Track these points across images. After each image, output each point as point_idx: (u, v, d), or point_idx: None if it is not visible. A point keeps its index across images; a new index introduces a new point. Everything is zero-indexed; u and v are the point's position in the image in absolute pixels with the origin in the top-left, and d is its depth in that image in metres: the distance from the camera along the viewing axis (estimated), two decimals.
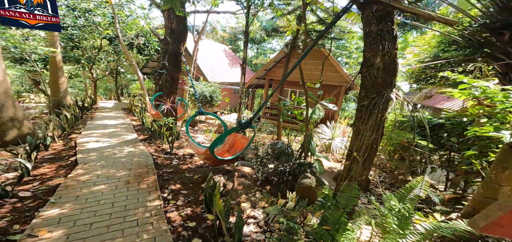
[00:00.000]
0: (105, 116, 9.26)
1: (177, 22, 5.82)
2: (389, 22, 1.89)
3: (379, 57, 1.92)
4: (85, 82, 17.77)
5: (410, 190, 1.85)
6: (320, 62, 13.03)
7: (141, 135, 6.73)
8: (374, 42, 1.92)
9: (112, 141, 5.70)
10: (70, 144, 5.44)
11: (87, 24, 10.73)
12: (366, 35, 2.03)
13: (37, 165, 4.13)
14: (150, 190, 3.37)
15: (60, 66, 8.91)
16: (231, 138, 4.73)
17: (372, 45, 1.98)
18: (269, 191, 3.62)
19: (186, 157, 5.18)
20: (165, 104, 6.05)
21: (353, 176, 2.14)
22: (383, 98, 1.91)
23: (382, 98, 1.91)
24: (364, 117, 2.08)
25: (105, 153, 4.86)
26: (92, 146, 5.24)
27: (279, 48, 29.31)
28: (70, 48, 10.67)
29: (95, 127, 7.04)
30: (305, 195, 3.04)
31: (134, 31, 11.77)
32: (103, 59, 13.11)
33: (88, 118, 8.60)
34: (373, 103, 1.97)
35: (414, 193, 1.80)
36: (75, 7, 10.36)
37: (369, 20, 1.94)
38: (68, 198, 3.06)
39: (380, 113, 1.91)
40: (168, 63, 6.05)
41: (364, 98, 2.12)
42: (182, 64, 6.52)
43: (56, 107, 8.85)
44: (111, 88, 20.12)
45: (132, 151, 5.10)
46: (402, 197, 1.83)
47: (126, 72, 16.67)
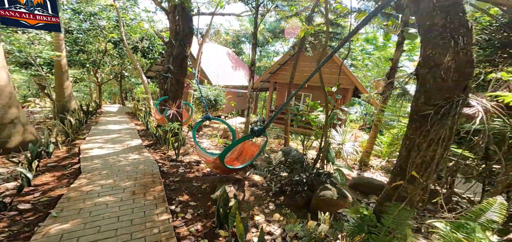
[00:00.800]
0: (110, 121, 9.13)
1: (182, 24, 5.66)
2: (460, 13, 1.60)
3: (450, 55, 1.60)
4: (90, 86, 17.81)
5: (480, 214, 1.57)
6: (326, 64, 12.83)
7: (146, 140, 6.56)
8: (441, 37, 1.63)
9: (116, 147, 5.53)
10: (74, 150, 5.28)
11: (92, 28, 10.70)
12: (426, 30, 1.72)
13: (38, 173, 3.96)
14: (157, 202, 3.16)
15: (65, 70, 8.84)
16: (240, 145, 4.51)
17: (439, 41, 1.65)
18: (283, 202, 3.38)
19: (192, 165, 4.97)
20: (171, 109, 5.87)
21: (410, 197, 1.83)
22: (458, 106, 1.60)
23: (457, 106, 1.60)
24: (424, 129, 1.75)
25: (109, 160, 4.68)
26: (96, 153, 5.06)
27: (282, 51, 29.17)
28: (75, 52, 10.63)
29: (100, 133, 6.89)
30: (325, 208, 2.80)
31: (139, 35, 11.71)
32: (107, 63, 13.08)
33: (93, 123, 8.48)
34: (443, 112, 1.64)
35: (485, 217, 1.53)
36: (80, 11, 10.33)
37: (430, 13, 1.65)
38: (71, 211, 2.86)
39: (453, 123, 1.61)
40: (173, 66, 5.89)
41: (425, 106, 1.77)
42: (188, 67, 6.36)
43: (61, 111, 8.76)
44: (115, 92, 20.12)
45: (137, 158, 4.91)
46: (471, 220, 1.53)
47: (130, 76, 16.65)
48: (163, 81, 8.78)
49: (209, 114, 4.49)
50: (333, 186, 2.82)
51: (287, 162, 3.85)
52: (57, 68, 8.64)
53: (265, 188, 3.85)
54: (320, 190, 2.77)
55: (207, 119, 4.41)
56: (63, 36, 8.59)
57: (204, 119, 4.42)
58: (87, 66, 11.36)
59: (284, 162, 3.87)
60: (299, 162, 3.50)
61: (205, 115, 4.45)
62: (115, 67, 14.08)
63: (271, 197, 3.52)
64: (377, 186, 4.09)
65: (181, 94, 6.17)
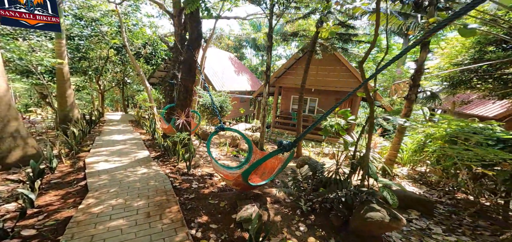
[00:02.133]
0: (113, 130, 8.81)
1: (191, 28, 5.38)
2: None
3: None
4: (92, 94, 17.52)
5: None
6: (333, 67, 12.58)
7: (153, 151, 6.24)
8: None
9: (123, 160, 5.21)
10: (79, 164, 4.95)
11: (94, 34, 10.46)
12: None
13: (42, 192, 3.64)
14: (175, 225, 2.83)
15: (68, 78, 8.55)
16: (256, 156, 4.21)
17: None
18: (315, 222, 3.05)
19: (205, 178, 4.65)
20: (179, 118, 5.57)
21: None
22: None
23: None
24: None
25: (117, 175, 4.36)
26: (102, 166, 4.74)
27: (285, 55, 29.02)
28: (77, 59, 10.36)
29: (104, 144, 6.57)
30: (374, 230, 2.48)
31: (141, 41, 11.47)
32: (110, 70, 12.82)
33: (96, 133, 8.16)
34: None
35: None
36: (82, 17, 10.10)
37: None
38: (82, 239, 2.53)
39: None
40: (181, 72, 5.61)
41: None
42: (197, 73, 6.08)
43: (63, 121, 8.45)
44: (117, 99, 19.84)
45: (146, 172, 4.59)
46: None
47: (133, 83, 16.38)
48: (169, 88, 8.52)
49: (222, 123, 4.18)
50: (380, 206, 2.50)
51: (315, 177, 3.52)
52: (59, 76, 8.35)
53: (289, 205, 3.53)
54: (365, 211, 2.45)
55: (221, 129, 4.10)
56: (64, 42, 8.34)
57: (219, 130, 4.11)
58: (89, 73, 11.08)
59: (312, 177, 3.55)
60: (333, 178, 3.18)
61: (219, 125, 4.14)
62: (117, 74, 13.82)
63: (299, 216, 3.19)
64: (414, 199, 3.76)
65: (190, 102, 5.87)
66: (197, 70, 5.86)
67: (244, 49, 30.50)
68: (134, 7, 11.73)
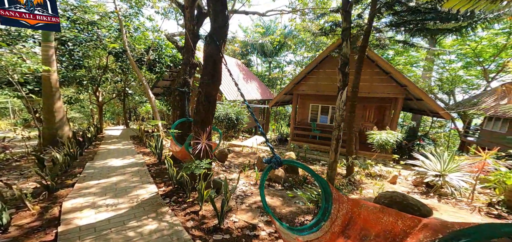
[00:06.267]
0: (111, 151, 7.21)
1: (214, 12, 3.83)
2: None
3: None
4: (90, 107, 16.06)
5: None
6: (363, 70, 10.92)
7: (162, 184, 4.57)
8: None
9: (120, 204, 3.54)
10: (52, 211, 3.30)
11: (90, 39, 9.05)
12: None
13: None
14: None
15: (56, 88, 7.04)
16: (342, 206, 2.53)
17: None
18: None
19: (246, 233, 2.96)
20: (198, 139, 3.93)
21: None
22: None
23: None
24: None
25: (109, 238, 2.69)
26: (86, 220, 3.07)
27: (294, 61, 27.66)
28: (71, 67, 8.89)
29: (96, 173, 4.94)
30: None
31: (144, 46, 10.04)
32: (109, 79, 11.34)
33: (90, 156, 6.55)
34: None
35: None
36: (77, 19, 8.71)
37: None
38: None
39: None
40: (202, 75, 4.02)
41: None
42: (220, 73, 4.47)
43: (50, 142, 6.87)
44: (119, 112, 18.37)
45: (156, 227, 2.92)
46: None
47: (134, 94, 14.92)
48: (178, 98, 6.90)
49: (277, 155, 2.50)
50: None
51: None
52: (46, 86, 6.84)
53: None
54: None
55: (279, 165, 2.44)
56: (53, 46, 6.88)
57: (273, 166, 2.45)
58: (84, 83, 9.58)
59: None
60: None
61: (272, 157, 2.48)
62: (117, 84, 12.36)
63: None
64: None
65: (212, 117, 4.25)
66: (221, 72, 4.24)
67: (251, 55, 29.19)
68: (136, 9, 10.40)
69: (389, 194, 3.33)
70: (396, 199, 3.18)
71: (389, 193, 3.40)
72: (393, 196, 3.26)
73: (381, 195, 3.44)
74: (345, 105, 3.22)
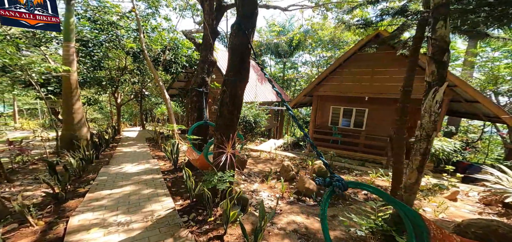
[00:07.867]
0: (127, 154, 6.92)
1: None
2: None
3: None
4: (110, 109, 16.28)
5: None
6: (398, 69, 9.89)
7: (179, 196, 4.07)
8: None
9: (132, 224, 3.05)
10: (57, 229, 2.88)
11: (110, 39, 8.94)
12: None
13: None
14: None
15: (75, 88, 6.85)
16: None
17: None
18: None
19: None
20: (222, 147, 3.36)
21: None
22: None
23: None
24: None
25: None
26: None
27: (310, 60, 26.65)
28: (92, 68, 8.82)
29: (109, 181, 4.56)
30: None
31: (160, 46, 9.79)
32: (127, 81, 11.26)
33: (105, 160, 6.27)
34: None
35: None
36: (97, 19, 8.62)
37: None
38: None
39: None
40: (228, 69, 3.45)
41: None
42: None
43: (68, 143, 6.69)
44: (136, 114, 18.55)
45: None
46: None
47: (151, 95, 14.87)
48: (196, 99, 6.43)
49: (337, 175, 1.82)
50: None
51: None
52: (66, 87, 6.69)
53: None
54: None
55: (344, 188, 1.78)
56: (73, 45, 6.73)
57: (336, 191, 1.80)
58: (103, 83, 9.49)
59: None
60: None
61: (326, 179, 1.84)
62: (135, 85, 12.30)
63: None
64: None
65: (237, 121, 3.67)
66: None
67: (264, 56, 28.57)
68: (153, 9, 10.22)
69: (483, 223, 2.52)
70: (499, 230, 2.37)
71: (482, 221, 2.58)
72: (490, 226, 2.46)
73: (467, 223, 2.63)
74: (440, 107, 2.39)
